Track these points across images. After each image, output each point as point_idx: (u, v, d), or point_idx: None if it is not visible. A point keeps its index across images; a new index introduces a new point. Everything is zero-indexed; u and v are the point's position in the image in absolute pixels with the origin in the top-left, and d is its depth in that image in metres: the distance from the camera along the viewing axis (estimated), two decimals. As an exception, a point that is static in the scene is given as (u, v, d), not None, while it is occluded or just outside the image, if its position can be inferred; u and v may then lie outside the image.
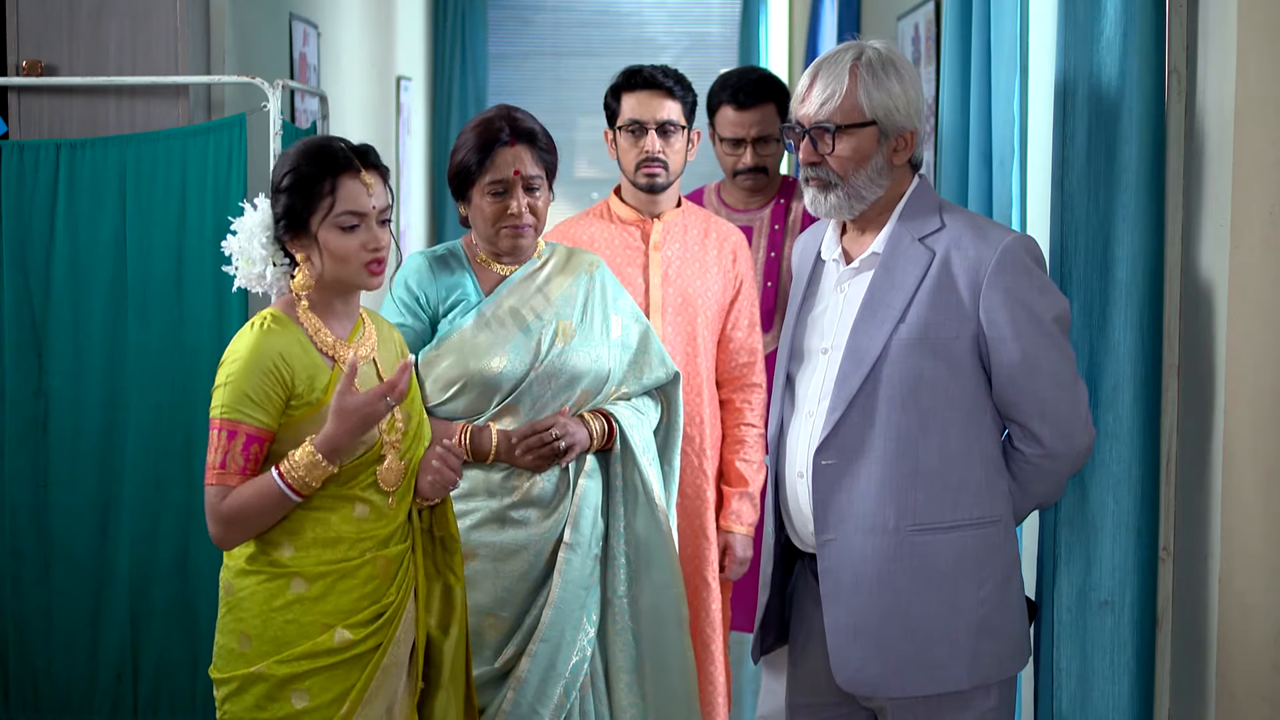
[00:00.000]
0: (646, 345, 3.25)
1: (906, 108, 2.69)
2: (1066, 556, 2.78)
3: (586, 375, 3.11)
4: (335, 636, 2.62)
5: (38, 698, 4.09)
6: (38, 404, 4.05)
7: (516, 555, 3.06)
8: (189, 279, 4.01)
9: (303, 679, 2.61)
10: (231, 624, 2.64)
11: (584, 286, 3.18)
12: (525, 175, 3.06)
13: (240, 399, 2.57)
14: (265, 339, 2.61)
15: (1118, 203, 2.73)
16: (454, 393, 3.06)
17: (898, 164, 2.72)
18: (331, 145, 2.68)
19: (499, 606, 3.05)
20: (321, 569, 2.63)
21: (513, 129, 3.07)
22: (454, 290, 3.13)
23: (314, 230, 2.65)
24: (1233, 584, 2.57)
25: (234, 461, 2.58)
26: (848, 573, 2.68)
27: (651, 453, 3.20)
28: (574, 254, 3.24)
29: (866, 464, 2.66)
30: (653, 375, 3.24)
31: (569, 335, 3.10)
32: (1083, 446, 2.69)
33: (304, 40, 5.81)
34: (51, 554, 4.06)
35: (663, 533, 3.14)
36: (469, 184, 3.10)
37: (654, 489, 3.15)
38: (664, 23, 10.58)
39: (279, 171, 2.69)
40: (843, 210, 2.74)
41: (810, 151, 2.72)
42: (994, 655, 2.70)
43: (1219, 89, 2.61)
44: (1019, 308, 2.60)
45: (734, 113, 3.97)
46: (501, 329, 3.07)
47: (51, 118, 4.14)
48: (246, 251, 2.69)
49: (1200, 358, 2.69)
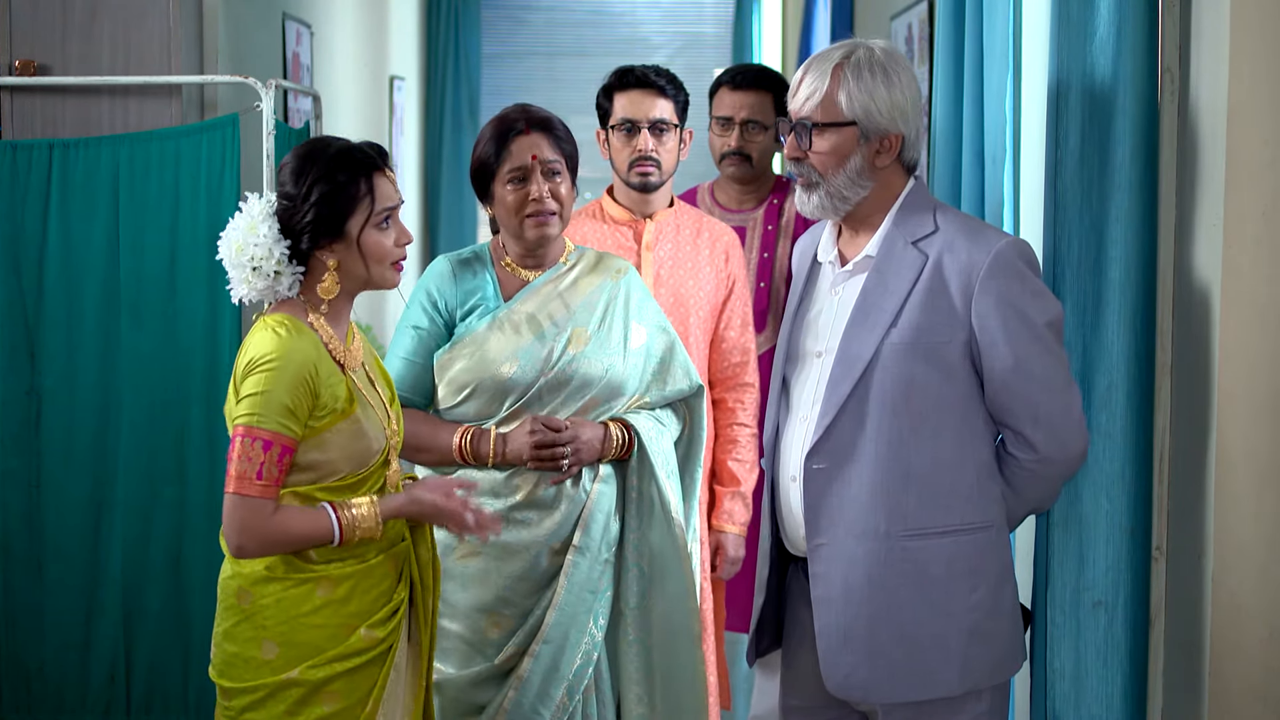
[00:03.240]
0: (672, 356, 3.23)
1: (890, 111, 2.66)
2: (1060, 557, 2.78)
3: (597, 383, 3.09)
4: (361, 637, 2.64)
5: (30, 698, 4.08)
6: (30, 404, 4.05)
7: (517, 555, 3.05)
8: (182, 279, 4.01)
9: (333, 682, 2.62)
10: (250, 632, 2.62)
11: (607, 293, 3.16)
12: (543, 160, 3.06)
13: (278, 409, 2.54)
14: (296, 346, 2.58)
15: (1111, 202, 2.73)
16: (465, 396, 3.06)
17: (880, 166, 2.70)
18: (353, 146, 2.67)
19: (501, 605, 3.05)
20: (346, 571, 2.63)
21: (528, 119, 3.09)
22: (474, 294, 3.13)
23: (353, 233, 2.63)
24: (1226, 584, 2.58)
25: (269, 473, 2.54)
26: (839, 577, 2.68)
27: (670, 465, 3.18)
28: (603, 259, 3.23)
29: (858, 468, 2.66)
30: (675, 386, 3.23)
31: (583, 342, 3.09)
32: (1076, 452, 2.67)
33: (297, 40, 5.80)
34: (44, 554, 4.06)
35: (678, 546, 3.12)
36: (490, 178, 3.10)
37: (670, 502, 3.13)
38: (657, 22, 10.58)
39: (301, 180, 2.62)
40: (827, 210, 2.73)
41: (793, 147, 2.72)
42: (986, 661, 2.69)
43: (1212, 88, 2.62)
44: (1011, 312, 2.60)
45: (729, 93, 3.99)
46: (515, 335, 3.07)
47: (44, 118, 4.14)
48: (261, 265, 2.62)
49: (1194, 357, 2.69)
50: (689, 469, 3.26)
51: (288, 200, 2.63)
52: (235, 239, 2.64)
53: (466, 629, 3.06)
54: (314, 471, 2.61)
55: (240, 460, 2.53)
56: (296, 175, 2.64)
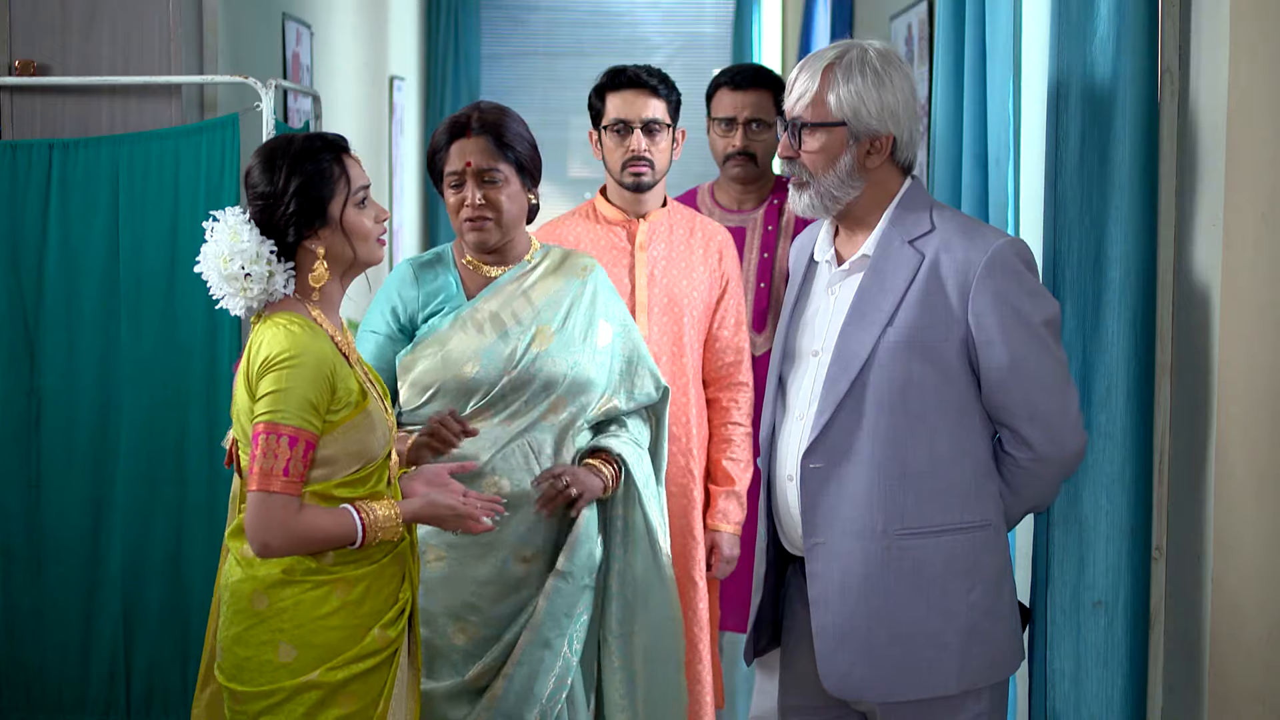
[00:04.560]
0: (639, 359, 3.22)
1: (880, 112, 2.66)
2: (1059, 557, 2.78)
3: (561, 382, 3.07)
4: (376, 637, 2.65)
5: (30, 698, 4.08)
6: (30, 403, 4.05)
7: (484, 560, 3.04)
8: (181, 279, 4.00)
9: (351, 683, 2.62)
10: (266, 635, 2.61)
11: (572, 291, 3.14)
12: (477, 167, 3.03)
13: (300, 404, 2.54)
14: (312, 342, 2.59)
15: (1111, 203, 2.73)
16: (429, 396, 3.05)
17: (871, 167, 2.69)
18: (314, 135, 2.70)
19: (468, 611, 3.04)
20: (360, 573, 2.64)
21: (477, 121, 3.06)
22: (436, 295, 3.12)
23: (336, 215, 2.64)
24: (1225, 584, 2.57)
25: (295, 469, 2.54)
26: (835, 577, 2.68)
27: (652, 487, 3.18)
28: (569, 257, 3.21)
29: (854, 468, 2.66)
30: (645, 391, 3.22)
31: (546, 340, 3.07)
32: (1073, 450, 2.67)
33: (297, 40, 5.80)
34: (44, 554, 4.06)
35: (663, 573, 3.13)
36: (438, 178, 3.11)
37: (655, 527, 3.13)
38: (657, 23, 10.58)
39: (275, 175, 2.63)
40: (818, 209, 2.73)
41: (786, 146, 2.72)
42: (984, 660, 2.69)
43: (1212, 89, 2.62)
44: (1007, 311, 2.59)
45: (729, 94, 3.98)
46: (479, 334, 3.06)
47: (44, 118, 4.14)
48: (252, 268, 2.61)
49: (1193, 358, 2.69)
50: (656, 471, 3.25)
51: (264, 199, 2.63)
52: (219, 252, 2.63)
53: (432, 634, 3.04)
54: (329, 467, 2.61)
55: (265, 457, 2.53)
56: (268, 172, 2.64)
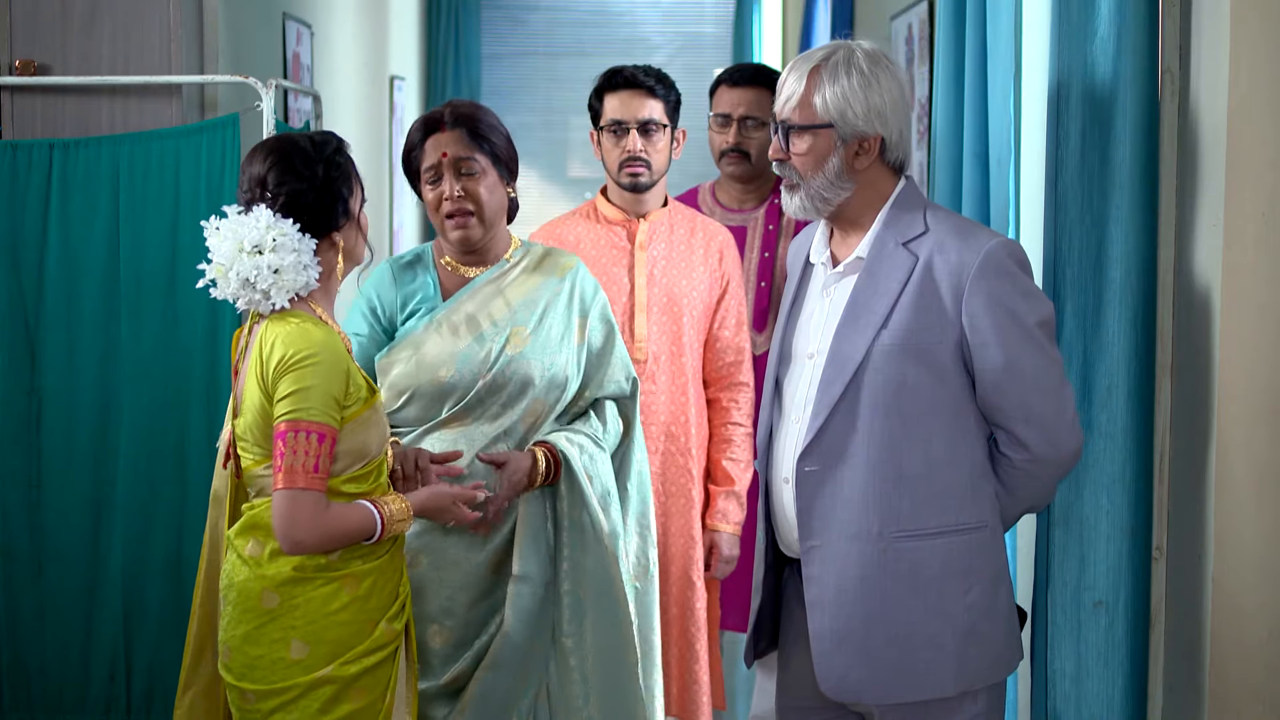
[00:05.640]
0: (611, 348, 3.19)
1: (866, 113, 2.65)
2: (1060, 557, 2.79)
3: (537, 384, 3.06)
4: (383, 631, 2.67)
5: (30, 698, 4.08)
6: (30, 403, 4.05)
7: (457, 566, 3.03)
8: (182, 279, 4.00)
9: (362, 677, 2.65)
10: (278, 633, 2.62)
11: (550, 290, 3.12)
12: (455, 157, 3.02)
13: (324, 400, 2.56)
14: (328, 339, 2.62)
15: (1111, 203, 2.73)
16: (405, 400, 3.04)
17: (860, 168, 2.69)
18: (324, 132, 2.74)
19: (443, 615, 3.03)
20: (367, 568, 2.67)
21: (450, 115, 3.05)
22: (414, 295, 3.11)
23: (355, 211, 2.73)
24: (1226, 584, 2.58)
25: (324, 465, 2.57)
26: (832, 579, 2.67)
27: (606, 487, 3.12)
28: (550, 255, 3.19)
29: (850, 470, 2.65)
30: (615, 383, 3.19)
31: (521, 342, 3.05)
32: (1069, 451, 2.66)
33: (297, 40, 5.80)
34: (44, 554, 4.06)
35: (612, 572, 3.07)
36: (416, 176, 3.10)
37: (603, 528, 3.07)
38: (657, 22, 10.58)
39: (305, 169, 2.64)
40: (809, 211, 2.73)
41: (777, 148, 2.72)
42: (981, 661, 2.68)
43: (1212, 88, 2.62)
44: (1001, 312, 2.59)
45: (727, 90, 3.99)
46: (454, 337, 3.04)
47: (44, 117, 4.13)
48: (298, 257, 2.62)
49: (1194, 357, 2.69)
50: (623, 479, 3.21)
51: (293, 195, 2.64)
52: (251, 243, 2.62)
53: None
54: (342, 461, 2.63)
55: (291, 454, 2.54)
56: (301, 164, 2.65)
